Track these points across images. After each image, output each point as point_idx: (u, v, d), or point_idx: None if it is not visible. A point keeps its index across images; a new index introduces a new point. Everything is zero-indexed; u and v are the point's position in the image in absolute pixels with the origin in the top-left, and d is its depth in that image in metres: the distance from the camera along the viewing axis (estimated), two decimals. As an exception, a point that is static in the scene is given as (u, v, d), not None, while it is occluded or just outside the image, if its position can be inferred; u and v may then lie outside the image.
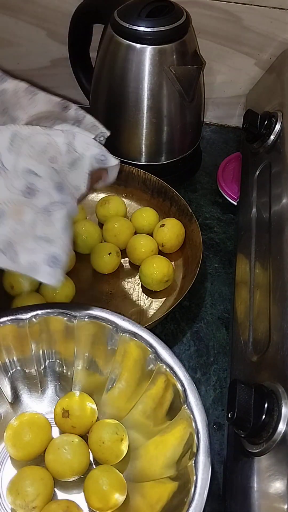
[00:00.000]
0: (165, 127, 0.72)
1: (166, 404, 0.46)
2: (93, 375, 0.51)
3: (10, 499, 0.44)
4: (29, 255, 0.43)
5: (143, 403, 0.48)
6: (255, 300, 0.52)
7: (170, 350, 0.46)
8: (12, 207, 0.42)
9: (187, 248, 0.66)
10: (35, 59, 0.86)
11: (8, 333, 0.48)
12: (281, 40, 0.74)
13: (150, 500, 0.43)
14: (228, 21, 0.74)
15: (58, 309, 0.49)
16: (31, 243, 0.43)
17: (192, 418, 0.42)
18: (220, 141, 0.87)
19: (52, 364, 0.52)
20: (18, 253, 0.43)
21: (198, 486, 0.38)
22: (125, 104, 0.70)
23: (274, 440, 0.37)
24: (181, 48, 0.66)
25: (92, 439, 0.48)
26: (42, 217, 0.43)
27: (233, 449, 0.46)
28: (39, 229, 0.43)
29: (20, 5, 0.79)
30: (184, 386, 0.43)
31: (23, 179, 0.42)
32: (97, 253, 0.64)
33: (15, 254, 0.43)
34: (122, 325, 0.47)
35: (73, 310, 0.49)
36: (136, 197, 0.74)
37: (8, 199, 0.42)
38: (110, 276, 0.66)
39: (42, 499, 0.43)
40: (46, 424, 0.49)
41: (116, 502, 0.44)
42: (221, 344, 0.60)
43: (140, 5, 0.65)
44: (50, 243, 0.44)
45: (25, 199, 0.42)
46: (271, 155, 0.61)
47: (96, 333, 0.49)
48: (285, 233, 0.49)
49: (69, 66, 0.80)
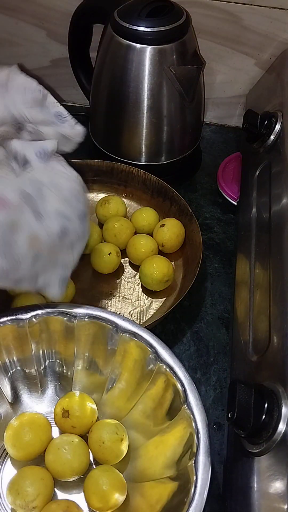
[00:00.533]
0: (165, 127, 0.72)
1: (166, 404, 0.46)
2: (93, 375, 0.52)
3: (10, 499, 0.44)
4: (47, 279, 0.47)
5: (143, 403, 0.48)
6: (255, 300, 0.52)
7: (170, 350, 0.46)
8: (48, 250, 0.45)
9: (187, 248, 0.66)
10: (35, 59, 0.86)
11: (8, 333, 0.48)
12: (281, 40, 0.74)
13: (150, 500, 0.43)
14: (228, 21, 0.74)
15: (58, 309, 0.49)
16: (51, 269, 0.47)
17: (192, 418, 0.42)
18: (220, 141, 0.87)
19: (52, 364, 0.52)
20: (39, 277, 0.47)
21: (198, 486, 0.38)
22: (125, 104, 0.70)
23: (274, 440, 0.37)
24: (181, 48, 0.66)
25: (92, 439, 0.48)
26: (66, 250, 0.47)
27: (233, 449, 0.46)
28: (61, 258, 0.47)
29: (20, 5, 0.79)
30: (184, 386, 0.43)
31: (56, 222, 0.45)
32: (97, 253, 0.64)
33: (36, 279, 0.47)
34: (122, 325, 0.48)
35: (73, 310, 0.49)
36: (136, 197, 0.74)
37: (46, 244, 0.45)
38: (110, 276, 0.66)
39: (42, 499, 0.43)
40: (46, 424, 0.49)
41: (116, 502, 0.44)
42: (221, 344, 0.60)
43: (140, 5, 0.65)
44: (65, 268, 0.49)
45: (59, 241, 0.46)
46: (271, 155, 0.61)
47: (96, 333, 0.49)
48: (285, 233, 0.49)
49: (69, 66, 0.80)
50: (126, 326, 0.47)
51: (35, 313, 0.48)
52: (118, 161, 0.73)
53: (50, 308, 0.49)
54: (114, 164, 0.72)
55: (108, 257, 0.63)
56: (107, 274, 0.65)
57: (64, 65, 0.82)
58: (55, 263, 0.47)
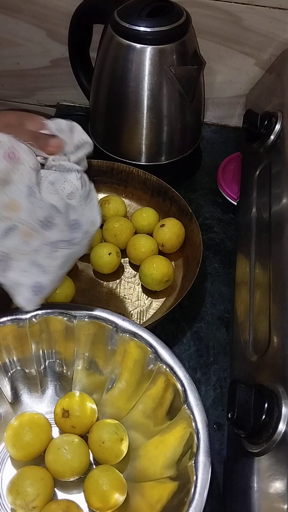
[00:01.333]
0: (165, 127, 0.72)
1: (166, 404, 0.46)
2: (93, 375, 0.52)
3: (10, 499, 0.44)
4: (19, 274, 0.44)
5: (143, 403, 0.48)
6: (255, 300, 0.52)
7: (170, 350, 0.46)
8: (25, 229, 0.43)
9: (187, 248, 0.66)
10: (35, 59, 0.86)
11: (8, 333, 0.48)
12: (281, 40, 0.74)
13: (150, 500, 0.43)
14: (228, 21, 0.74)
15: (58, 309, 0.49)
16: (26, 265, 0.44)
17: (192, 418, 0.42)
18: (220, 141, 0.87)
19: (52, 364, 0.52)
20: (10, 268, 0.44)
21: (198, 486, 0.38)
22: (125, 104, 0.70)
23: (274, 440, 0.37)
24: (181, 48, 0.66)
25: (92, 439, 0.48)
26: (48, 249, 0.44)
27: (233, 449, 0.46)
28: (40, 257, 0.44)
29: (20, 5, 0.79)
30: (184, 386, 0.43)
31: (46, 211, 0.43)
32: (97, 253, 0.64)
33: (7, 267, 0.44)
34: (122, 325, 0.48)
35: (73, 310, 0.49)
36: (136, 197, 0.74)
37: (26, 220, 0.43)
38: (110, 276, 0.66)
39: (42, 499, 0.43)
40: (46, 424, 0.49)
41: (116, 502, 0.44)
42: (221, 344, 0.60)
43: (140, 5, 0.65)
44: (44, 273, 0.45)
45: (39, 228, 0.43)
46: (271, 155, 0.61)
47: (96, 333, 0.49)
48: (285, 233, 0.49)
49: (69, 66, 0.80)
50: (126, 326, 0.47)
51: (35, 313, 0.48)
52: (118, 161, 0.73)
53: (50, 308, 0.49)
54: (114, 164, 0.72)
55: (108, 257, 0.63)
56: (107, 274, 0.65)
57: (64, 65, 0.82)
58: (31, 259, 0.44)
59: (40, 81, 0.90)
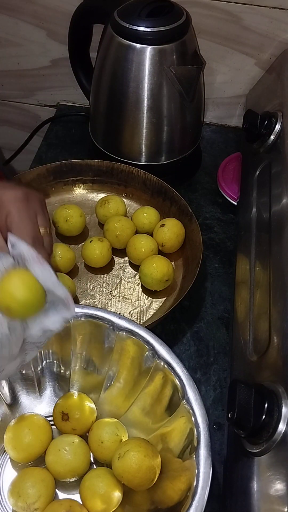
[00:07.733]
0: (165, 127, 0.72)
1: (165, 400, 0.46)
2: (90, 374, 0.51)
3: (11, 501, 0.44)
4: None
5: (141, 400, 0.48)
6: (255, 300, 0.52)
7: (168, 346, 0.46)
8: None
9: (187, 248, 0.66)
10: (35, 59, 0.86)
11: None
12: (281, 40, 0.74)
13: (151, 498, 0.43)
14: (228, 21, 0.74)
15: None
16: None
17: (192, 413, 0.42)
18: (220, 141, 0.87)
19: (49, 365, 0.52)
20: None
21: (200, 480, 0.38)
22: (125, 104, 0.70)
23: (274, 440, 0.37)
24: (181, 48, 0.66)
25: (92, 438, 0.48)
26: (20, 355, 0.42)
27: (233, 449, 0.46)
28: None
29: (20, 5, 0.79)
30: (182, 381, 0.43)
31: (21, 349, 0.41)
32: (84, 246, 0.65)
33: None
34: (118, 323, 0.47)
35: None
36: (136, 197, 0.74)
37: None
38: (110, 276, 0.66)
39: (44, 500, 0.43)
40: (46, 425, 0.49)
41: (114, 502, 0.44)
42: (221, 344, 0.60)
43: (140, 5, 0.65)
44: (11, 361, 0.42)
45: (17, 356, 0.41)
46: (271, 155, 0.61)
47: (93, 332, 0.49)
48: (285, 233, 0.49)
49: (69, 66, 0.80)
50: (122, 324, 0.47)
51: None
52: (118, 161, 0.73)
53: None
54: (114, 164, 0.72)
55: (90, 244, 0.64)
56: (107, 274, 0.65)
57: (64, 65, 0.82)
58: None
59: (40, 81, 0.90)
